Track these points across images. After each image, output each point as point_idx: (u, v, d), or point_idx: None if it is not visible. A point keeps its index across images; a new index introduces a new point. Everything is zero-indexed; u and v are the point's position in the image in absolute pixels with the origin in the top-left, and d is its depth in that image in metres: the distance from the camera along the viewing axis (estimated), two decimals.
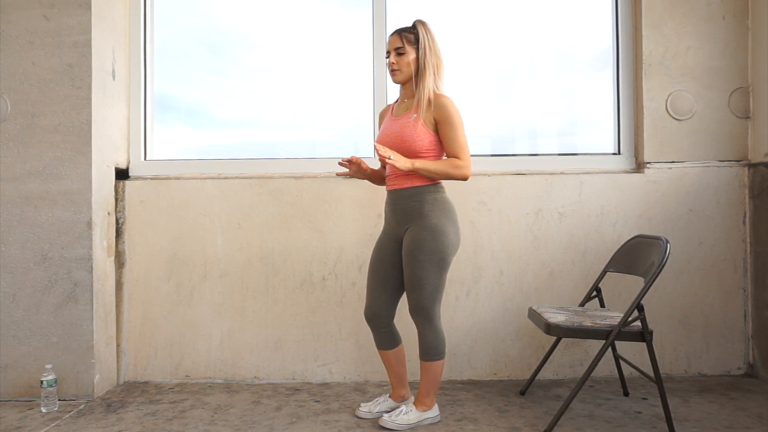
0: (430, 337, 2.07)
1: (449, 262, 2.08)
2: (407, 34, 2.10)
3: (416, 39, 2.09)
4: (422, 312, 2.06)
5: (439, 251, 2.04)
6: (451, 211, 2.10)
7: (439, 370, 2.10)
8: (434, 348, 2.07)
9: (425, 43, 2.08)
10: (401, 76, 2.11)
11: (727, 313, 2.70)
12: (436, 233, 2.04)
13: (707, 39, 2.70)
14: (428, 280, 2.04)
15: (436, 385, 2.12)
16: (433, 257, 2.03)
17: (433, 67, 2.08)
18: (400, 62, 2.09)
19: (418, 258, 2.04)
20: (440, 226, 2.05)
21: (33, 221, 2.48)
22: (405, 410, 2.11)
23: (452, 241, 2.07)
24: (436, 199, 2.08)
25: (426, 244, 2.04)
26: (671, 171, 2.71)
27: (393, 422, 2.08)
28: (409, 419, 2.09)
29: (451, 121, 2.04)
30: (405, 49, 2.08)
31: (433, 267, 2.04)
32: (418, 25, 2.11)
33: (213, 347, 2.72)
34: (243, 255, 2.71)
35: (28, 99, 2.48)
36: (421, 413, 2.11)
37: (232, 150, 2.89)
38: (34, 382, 2.46)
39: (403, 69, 2.09)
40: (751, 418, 2.17)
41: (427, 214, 2.07)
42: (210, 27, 2.94)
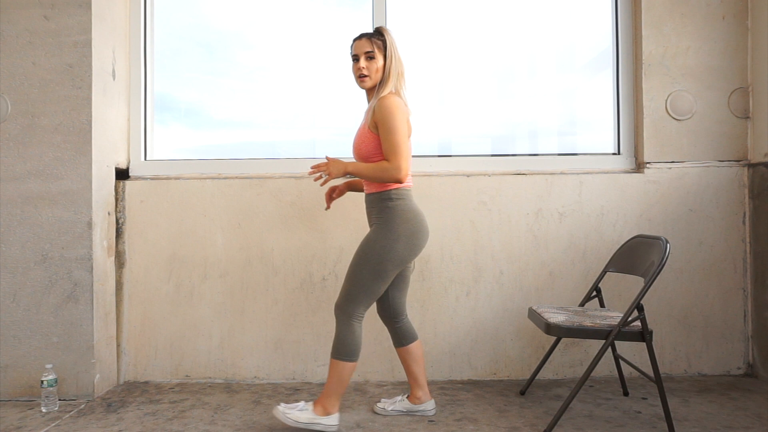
0: (343, 335, 2.03)
1: (387, 270, 2.02)
2: (376, 40, 2.08)
3: (384, 45, 2.08)
4: (341, 307, 2.04)
5: (378, 257, 2.00)
6: (406, 218, 2.04)
7: (345, 372, 2.03)
8: (344, 347, 2.02)
9: (392, 50, 2.08)
10: (370, 82, 2.09)
11: (727, 313, 2.70)
12: (382, 238, 2.02)
13: (707, 39, 2.70)
14: (358, 281, 2.02)
15: (339, 388, 2.04)
16: (370, 261, 2.01)
17: (397, 72, 2.08)
18: (370, 67, 2.07)
19: (356, 258, 2.04)
20: (387, 231, 2.02)
21: (33, 221, 2.48)
22: (302, 407, 2.06)
23: (398, 250, 2.01)
24: (390, 207, 2.05)
25: (368, 246, 2.03)
26: (671, 171, 2.71)
27: (283, 413, 2.02)
28: (300, 418, 2.02)
29: (386, 121, 1.99)
30: (375, 54, 2.07)
31: (367, 271, 2.01)
32: (384, 32, 2.10)
33: (213, 347, 2.72)
34: (243, 255, 2.71)
35: (28, 99, 2.48)
36: (314, 416, 2.03)
37: (230, 150, 2.89)
38: (34, 382, 2.47)
39: (372, 75, 2.07)
40: (750, 418, 2.17)
41: (380, 220, 2.06)
42: (205, 27, 2.94)
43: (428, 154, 2.81)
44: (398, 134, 1.99)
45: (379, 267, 2.01)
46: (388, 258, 2.01)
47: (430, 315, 2.70)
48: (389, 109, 2.00)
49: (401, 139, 1.99)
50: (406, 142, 2.01)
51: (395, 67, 2.08)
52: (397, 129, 1.99)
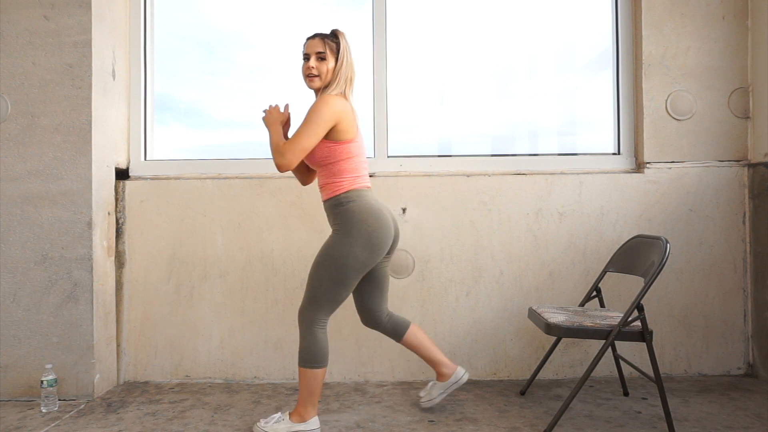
0: (306, 342, 2.00)
1: (348, 276, 1.98)
2: (330, 42, 2.05)
3: (337, 48, 2.06)
4: (302, 316, 2.01)
5: (336, 263, 1.97)
6: (361, 219, 1.98)
7: (315, 379, 2.00)
8: (309, 354, 1.99)
9: (344, 53, 2.05)
10: (319, 83, 2.05)
11: (727, 313, 2.70)
12: (338, 245, 1.98)
13: (707, 39, 2.70)
14: (319, 288, 1.99)
15: (312, 395, 2.02)
16: (329, 268, 1.97)
17: (347, 76, 2.06)
18: (320, 68, 2.04)
19: (315, 264, 2.01)
20: (343, 236, 1.98)
21: (33, 221, 2.48)
22: (278, 418, 2.05)
23: (357, 254, 1.97)
24: (343, 211, 2.01)
25: (326, 252, 2.00)
26: (671, 171, 2.71)
27: (262, 428, 2.03)
28: (278, 428, 2.01)
29: (308, 113, 1.97)
30: (326, 55, 2.04)
31: (327, 278, 1.98)
32: (339, 35, 2.07)
33: (213, 347, 2.72)
34: (243, 255, 2.71)
35: (28, 99, 2.48)
36: (292, 424, 2.02)
37: (230, 150, 2.89)
38: (34, 382, 2.46)
39: (322, 75, 2.04)
40: (750, 418, 2.17)
41: (336, 225, 2.03)
42: (205, 27, 2.94)
43: (428, 154, 2.81)
44: (309, 127, 1.94)
45: (338, 274, 1.97)
46: (347, 263, 1.97)
47: (430, 315, 2.70)
48: (318, 104, 1.96)
49: (308, 133, 1.94)
50: (309, 139, 1.94)
51: (345, 71, 2.05)
52: (310, 122, 1.94)
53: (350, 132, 2.02)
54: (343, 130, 1.99)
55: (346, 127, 2.00)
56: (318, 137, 1.96)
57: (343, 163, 2.02)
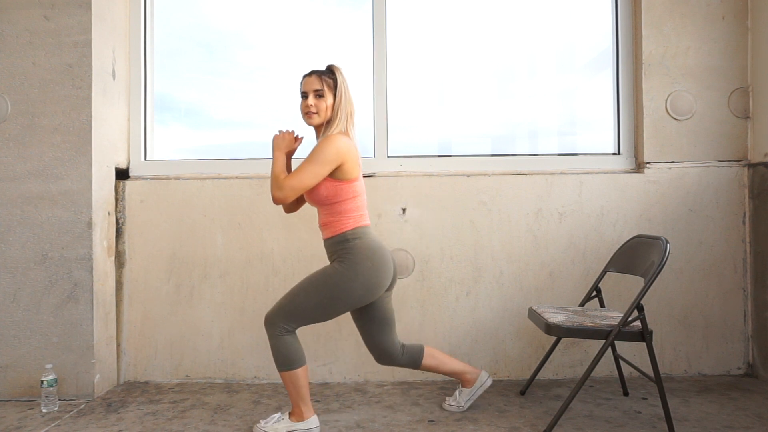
0: (277, 347, 1.99)
1: (337, 309, 1.99)
2: (326, 78, 2.04)
3: (334, 84, 2.05)
4: (269, 322, 2.00)
5: (330, 292, 1.97)
6: (366, 257, 1.99)
7: (298, 380, 2.00)
8: (283, 358, 1.99)
9: (342, 89, 2.05)
10: (318, 120, 2.05)
11: (727, 313, 2.70)
12: (338, 276, 1.98)
13: (707, 39, 2.70)
14: (299, 305, 1.98)
15: (300, 395, 2.02)
16: (320, 293, 1.97)
17: (346, 112, 2.06)
18: (319, 105, 2.04)
19: (307, 282, 2.01)
20: (346, 270, 1.98)
21: (33, 221, 2.48)
22: (277, 418, 2.06)
23: (354, 290, 1.97)
24: (349, 247, 2.01)
25: (323, 277, 1.99)
26: (671, 171, 2.71)
27: (262, 429, 2.03)
28: (278, 428, 2.02)
29: (314, 151, 1.97)
30: (324, 92, 2.04)
31: (313, 300, 1.97)
32: (336, 70, 2.07)
33: (213, 347, 2.72)
34: (243, 255, 2.71)
35: (28, 99, 2.48)
36: (291, 423, 2.03)
37: (230, 150, 2.89)
38: (34, 382, 2.46)
39: (321, 113, 2.04)
40: (750, 418, 2.17)
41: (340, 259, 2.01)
42: (205, 27, 2.94)
43: (428, 154, 2.81)
44: (312, 166, 1.95)
45: (328, 302, 1.98)
46: (342, 297, 1.98)
47: (430, 315, 2.70)
48: (324, 144, 1.96)
49: (309, 171, 1.95)
50: (311, 179, 1.95)
51: (344, 107, 2.05)
52: (314, 161, 1.95)
53: (355, 171, 2.03)
54: (348, 170, 2.00)
55: (351, 166, 2.01)
56: (320, 177, 1.97)
57: (349, 202, 2.03)
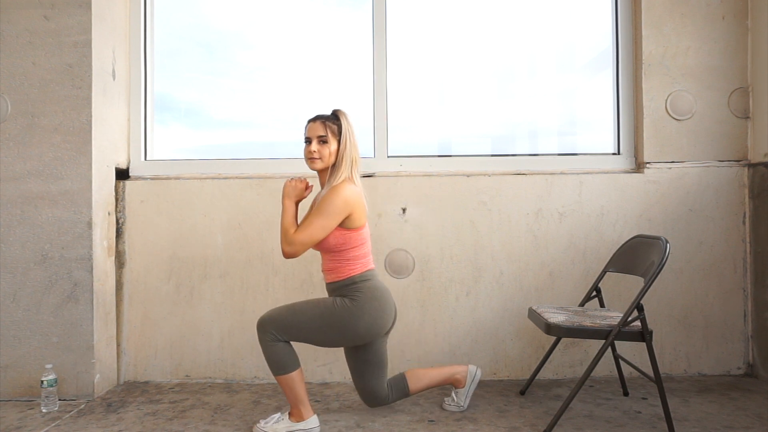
0: (269, 353, 1.99)
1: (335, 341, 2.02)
2: (331, 124, 2.05)
3: (339, 130, 2.05)
4: (261, 327, 2.00)
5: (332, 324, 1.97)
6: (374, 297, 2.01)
7: (293, 382, 2.00)
8: (275, 363, 1.99)
9: (347, 136, 2.05)
10: (321, 165, 2.06)
11: (727, 313, 2.70)
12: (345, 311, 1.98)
13: (707, 39, 2.70)
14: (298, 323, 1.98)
15: (297, 397, 2.02)
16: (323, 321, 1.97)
17: (351, 158, 2.05)
18: (322, 151, 2.04)
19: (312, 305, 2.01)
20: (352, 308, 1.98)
21: (33, 221, 2.48)
22: (277, 418, 2.06)
23: (357, 328, 1.98)
24: (356, 288, 2.02)
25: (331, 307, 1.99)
26: (671, 171, 2.71)
27: (262, 429, 2.03)
28: (278, 428, 2.02)
29: (323, 202, 1.97)
30: (328, 138, 2.04)
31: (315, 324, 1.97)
32: (341, 116, 2.07)
33: (213, 347, 2.72)
34: (243, 255, 2.71)
35: (28, 99, 2.48)
36: (291, 423, 2.03)
37: (230, 150, 2.89)
38: (34, 382, 2.46)
39: (324, 158, 2.04)
40: (750, 418, 2.17)
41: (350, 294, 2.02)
42: (205, 27, 2.94)
43: (428, 154, 2.81)
44: (321, 219, 1.95)
45: (328, 331, 1.99)
46: (343, 331, 1.99)
47: (430, 315, 2.70)
48: (332, 196, 1.96)
49: (319, 225, 1.95)
50: (321, 232, 1.96)
51: (349, 153, 2.04)
52: (323, 213, 1.95)
53: (362, 219, 2.03)
54: (356, 219, 2.00)
55: (359, 215, 2.01)
56: (330, 229, 1.97)
57: (358, 249, 2.04)
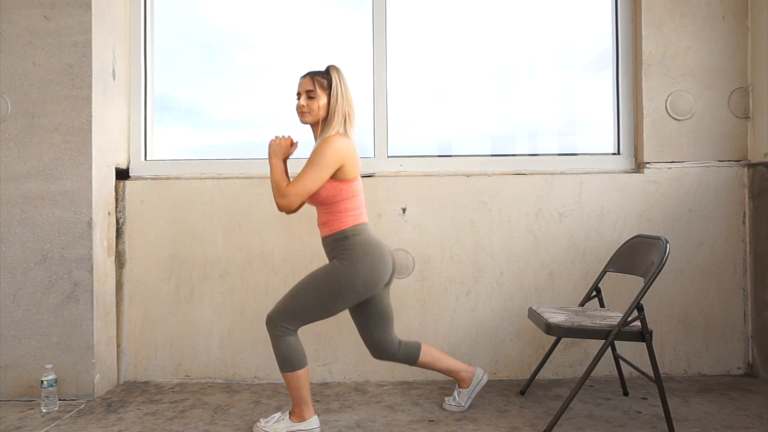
0: (279, 348, 2.00)
1: (337, 305, 2.01)
2: (320, 79, 2.06)
3: (329, 84, 2.06)
4: (271, 322, 2.01)
5: (332, 289, 1.99)
6: (366, 253, 2.01)
7: (297, 381, 2.01)
8: (284, 359, 2.00)
9: (337, 90, 2.05)
10: (310, 118, 2.08)
11: (727, 313, 2.70)
12: (339, 272, 1.99)
13: (707, 39, 2.70)
14: (301, 303, 2.00)
15: (301, 396, 2.03)
16: (321, 290, 1.99)
17: (343, 112, 2.06)
18: (311, 105, 2.06)
19: (308, 281, 2.02)
20: (347, 267, 1.99)
21: (33, 221, 2.48)
22: (277, 417, 2.07)
23: (355, 285, 1.99)
24: (348, 244, 2.02)
25: (324, 274, 2.01)
26: (671, 171, 2.71)
27: (262, 428, 2.04)
28: (278, 428, 2.03)
29: (313, 155, 1.98)
30: (316, 93, 2.05)
31: (315, 298, 1.99)
32: (332, 71, 2.08)
33: (213, 347, 2.72)
34: (243, 255, 2.71)
35: (28, 99, 2.49)
36: (292, 423, 2.04)
37: (230, 150, 2.89)
38: (34, 382, 2.47)
39: (313, 113, 2.06)
40: (750, 418, 2.17)
41: (339, 256, 2.03)
42: (205, 27, 2.94)
43: (428, 154, 2.81)
44: (313, 170, 1.96)
45: (329, 299, 1.99)
46: (343, 293, 1.99)
47: (430, 315, 2.70)
48: (323, 147, 1.97)
49: (312, 177, 1.96)
50: (314, 183, 1.96)
51: (341, 107, 2.05)
52: (315, 165, 1.96)
53: (354, 171, 2.04)
54: (347, 171, 2.01)
55: (351, 167, 2.02)
56: (322, 181, 1.98)
57: (348, 202, 2.04)
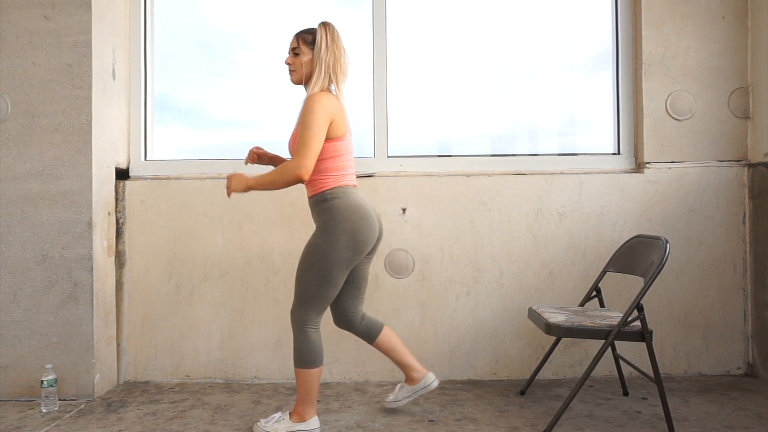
0: (299, 342, 2.00)
1: (333, 274, 1.98)
2: (305, 35, 2.06)
3: (313, 40, 2.05)
4: (294, 317, 2.02)
5: (321, 261, 1.96)
6: (345, 216, 1.98)
7: (309, 379, 2.01)
8: (302, 355, 2.00)
9: (320, 45, 2.02)
10: (296, 76, 2.08)
11: (727, 313, 2.70)
12: (321, 243, 1.98)
13: (707, 39, 2.70)
14: (305, 288, 1.99)
15: (309, 395, 2.03)
16: (314, 266, 1.97)
17: (327, 66, 2.03)
18: (295, 62, 2.06)
19: (301, 263, 2.01)
20: (327, 234, 1.98)
21: (33, 221, 2.48)
22: (278, 417, 2.05)
23: (340, 251, 1.96)
24: (326, 207, 2.00)
25: (310, 251, 1.99)
26: (671, 171, 2.71)
27: (262, 428, 2.04)
28: (278, 428, 2.02)
29: (303, 117, 1.95)
30: (300, 50, 2.05)
31: (313, 277, 1.97)
32: (319, 27, 2.06)
33: (213, 347, 2.72)
34: (243, 255, 2.71)
35: (28, 99, 2.49)
36: (292, 424, 2.03)
37: (230, 150, 2.89)
38: (34, 382, 2.47)
39: (298, 70, 2.06)
40: (750, 418, 2.17)
41: (320, 220, 2.02)
42: (205, 27, 2.94)
43: (428, 154, 2.81)
44: (310, 130, 1.93)
45: (324, 272, 1.97)
46: (332, 261, 1.96)
47: (430, 315, 2.70)
48: (309, 104, 1.95)
49: (312, 135, 1.93)
50: (317, 141, 1.94)
51: (324, 62, 2.01)
52: (310, 125, 1.93)
53: (340, 129, 2.01)
54: (333, 128, 1.99)
55: (337, 125, 1.99)
56: (323, 134, 1.96)
57: (330, 161, 2.01)
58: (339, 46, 2.06)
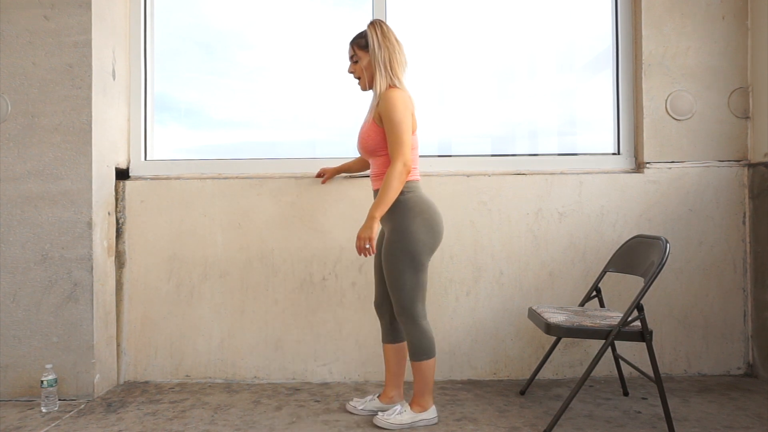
0: (415, 336, 2.07)
1: (423, 261, 2.05)
2: (358, 40, 2.12)
3: (366, 43, 2.10)
4: (403, 313, 2.07)
5: (409, 252, 2.03)
6: (419, 210, 2.05)
7: (429, 370, 2.08)
8: (420, 348, 2.07)
9: (373, 44, 2.07)
10: (363, 83, 2.15)
11: (727, 313, 2.70)
12: (403, 234, 2.04)
13: (707, 39, 2.70)
14: (403, 281, 2.04)
15: (428, 385, 2.10)
16: (404, 258, 2.03)
17: (384, 63, 2.06)
18: (357, 69, 2.14)
19: (389, 260, 2.06)
20: (406, 226, 2.04)
21: (33, 221, 2.48)
22: (399, 410, 2.11)
23: (422, 239, 2.04)
24: (401, 201, 2.05)
25: (394, 245, 2.05)
26: (671, 171, 2.71)
27: (386, 421, 2.08)
28: (402, 420, 2.08)
29: (388, 115, 2.00)
30: (358, 56, 2.11)
31: (406, 268, 2.04)
32: (368, 28, 2.10)
33: (213, 347, 2.72)
34: (243, 255, 2.71)
35: (28, 99, 2.48)
36: (415, 414, 2.10)
37: (230, 150, 2.89)
38: (34, 382, 2.47)
39: (361, 76, 2.14)
40: (750, 418, 2.17)
41: (394, 216, 2.06)
42: (205, 27, 2.94)
43: (428, 154, 2.81)
44: (401, 126, 2.00)
45: (414, 262, 2.04)
46: (418, 250, 2.03)
47: (430, 315, 2.70)
48: (391, 101, 2.01)
49: (403, 130, 2.00)
50: (408, 135, 2.02)
51: (381, 60, 2.06)
52: (400, 122, 2.00)
53: (414, 123, 2.10)
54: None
55: (413, 119, 2.09)
56: (410, 127, 2.03)
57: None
58: (391, 41, 2.10)
